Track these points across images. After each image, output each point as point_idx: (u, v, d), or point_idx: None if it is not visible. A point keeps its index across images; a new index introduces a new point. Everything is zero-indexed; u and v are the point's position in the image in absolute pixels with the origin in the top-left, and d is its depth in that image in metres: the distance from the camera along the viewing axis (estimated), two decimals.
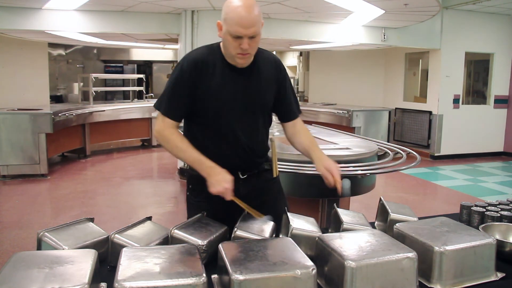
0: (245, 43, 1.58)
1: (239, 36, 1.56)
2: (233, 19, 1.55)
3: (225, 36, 1.61)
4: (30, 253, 1.23)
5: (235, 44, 1.59)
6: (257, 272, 1.14)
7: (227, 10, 1.58)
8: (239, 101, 1.72)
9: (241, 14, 1.54)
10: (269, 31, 6.65)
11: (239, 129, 1.75)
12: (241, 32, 1.56)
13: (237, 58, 1.64)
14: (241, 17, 1.54)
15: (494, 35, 8.38)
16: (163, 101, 1.73)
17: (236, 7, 1.56)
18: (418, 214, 1.81)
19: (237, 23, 1.55)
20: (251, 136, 1.79)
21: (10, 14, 5.78)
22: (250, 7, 1.56)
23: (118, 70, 11.21)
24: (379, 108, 8.61)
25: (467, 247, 1.38)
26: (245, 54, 1.62)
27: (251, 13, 1.55)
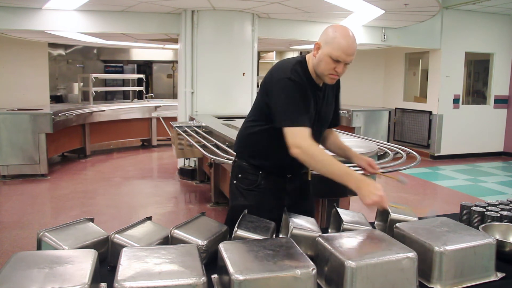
0: (341, 67, 1.74)
1: (339, 60, 1.71)
2: (340, 45, 1.70)
3: (324, 57, 1.74)
4: (30, 253, 1.23)
5: (332, 66, 1.73)
6: (257, 272, 1.14)
7: (334, 34, 1.71)
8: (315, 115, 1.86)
9: (349, 43, 1.71)
10: (269, 31, 6.65)
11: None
12: (343, 59, 1.71)
13: (327, 77, 1.78)
14: (349, 46, 1.70)
15: (494, 35, 8.38)
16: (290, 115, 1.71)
17: (345, 35, 1.71)
18: (418, 214, 1.81)
19: (343, 50, 1.70)
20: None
21: (10, 14, 5.78)
22: (355, 39, 1.74)
23: (118, 70, 11.22)
24: (379, 108, 8.60)
25: (467, 247, 1.38)
26: (335, 75, 1.77)
27: (355, 44, 1.74)
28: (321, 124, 1.93)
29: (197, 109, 6.14)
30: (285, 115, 1.72)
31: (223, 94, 6.09)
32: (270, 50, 12.38)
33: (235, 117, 5.43)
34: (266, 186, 1.93)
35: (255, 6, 5.68)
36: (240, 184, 1.98)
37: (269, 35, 6.71)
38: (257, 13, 6.18)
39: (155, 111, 8.74)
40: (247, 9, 5.89)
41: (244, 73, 6.15)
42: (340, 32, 1.71)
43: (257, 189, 1.94)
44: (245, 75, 6.16)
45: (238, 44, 6.08)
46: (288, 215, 1.66)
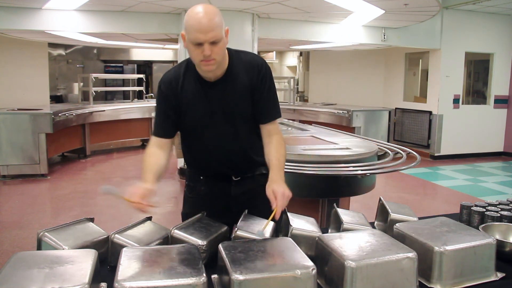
0: (206, 49, 1.55)
1: (200, 42, 1.55)
2: (192, 26, 1.55)
3: (188, 46, 1.61)
4: (30, 253, 1.24)
5: (197, 51, 1.58)
6: (257, 272, 1.15)
7: (186, 18, 1.58)
8: (215, 113, 1.73)
9: (199, 20, 1.54)
10: (269, 31, 6.65)
11: (221, 139, 1.78)
12: (201, 38, 1.54)
13: (201, 65, 1.62)
14: (199, 23, 1.53)
15: (494, 35, 8.38)
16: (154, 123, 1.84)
17: (194, 14, 1.56)
18: (418, 214, 1.81)
19: (196, 29, 1.54)
20: (236, 144, 1.79)
21: (10, 14, 5.78)
22: (208, 13, 1.55)
23: (118, 70, 11.21)
24: (379, 108, 8.60)
25: (467, 247, 1.38)
26: (209, 60, 1.59)
27: (209, 19, 1.54)
28: (228, 120, 1.74)
29: None
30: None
31: None
32: (270, 50, 12.39)
33: None
34: (207, 191, 1.87)
35: (255, 6, 5.68)
36: (186, 192, 1.97)
37: (269, 35, 6.71)
38: (257, 13, 6.18)
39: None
40: (247, 9, 5.89)
41: None
42: (189, 13, 1.57)
43: (197, 195, 1.90)
44: None
45: (238, 44, 6.02)
46: (289, 215, 1.66)
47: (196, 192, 1.90)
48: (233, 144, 1.78)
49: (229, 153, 1.80)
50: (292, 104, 8.94)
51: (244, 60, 1.78)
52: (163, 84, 1.76)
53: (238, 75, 1.73)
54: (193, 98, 1.73)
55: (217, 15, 1.59)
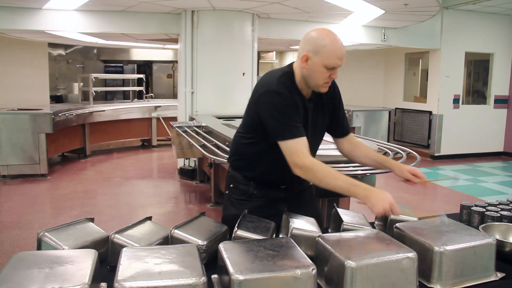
0: (336, 73, 1.69)
1: (334, 67, 1.66)
2: (333, 53, 1.64)
3: (317, 68, 1.67)
4: (30, 253, 1.23)
5: (326, 74, 1.68)
6: (257, 272, 1.15)
7: (322, 43, 1.64)
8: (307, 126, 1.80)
9: (340, 47, 1.66)
10: (269, 31, 6.65)
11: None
12: (338, 64, 1.66)
13: (323, 87, 1.73)
14: (340, 50, 1.65)
15: (494, 35, 8.38)
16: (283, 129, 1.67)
17: (333, 41, 1.65)
18: (418, 214, 1.81)
19: (336, 56, 1.65)
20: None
21: (10, 14, 5.78)
22: (341, 40, 1.68)
23: (118, 70, 11.21)
24: (379, 108, 8.60)
25: (467, 247, 1.38)
26: (330, 83, 1.73)
27: (343, 46, 1.68)
28: (314, 136, 1.86)
29: (197, 109, 6.14)
30: (278, 130, 1.68)
31: (223, 94, 6.09)
32: (270, 50, 12.38)
33: (235, 117, 5.43)
34: (258, 195, 1.90)
35: (255, 6, 5.68)
36: (232, 194, 1.96)
37: (269, 35, 6.71)
38: (257, 13, 6.18)
39: (155, 111, 8.74)
40: (247, 9, 5.89)
41: (244, 73, 6.15)
42: (329, 39, 1.65)
43: (249, 198, 1.91)
44: (245, 75, 6.16)
45: (238, 44, 6.08)
46: (288, 215, 1.66)
47: (248, 195, 1.91)
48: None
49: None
50: None
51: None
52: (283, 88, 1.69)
53: (321, 94, 1.83)
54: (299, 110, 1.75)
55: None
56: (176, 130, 4.89)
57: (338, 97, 1.93)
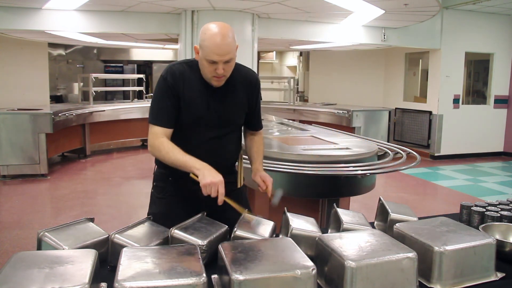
0: (220, 68, 1.69)
1: (215, 61, 1.67)
2: (209, 47, 1.66)
3: (201, 61, 1.73)
4: (30, 253, 1.23)
5: (210, 68, 1.70)
6: (257, 272, 1.15)
7: (203, 37, 1.68)
8: (212, 116, 1.82)
9: (216, 42, 1.65)
10: (269, 31, 6.65)
11: (211, 142, 1.85)
12: (216, 59, 1.66)
13: (212, 80, 1.75)
14: (217, 46, 1.65)
15: (494, 35, 8.39)
16: (151, 113, 1.80)
17: (212, 35, 1.66)
18: (418, 214, 1.81)
19: (212, 51, 1.65)
20: (222, 149, 1.90)
21: (10, 14, 5.78)
22: (225, 35, 1.66)
23: (118, 70, 11.21)
24: (379, 108, 8.60)
25: (467, 247, 1.38)
26: (220, 77, 1.73)
27: (226, 41, 1.66)
28: (221, 124, 1.85)
29: None
30: (150, 112, 1.80)
31: None
32: (270, 50, 12.39)
33: None
34: (175, 193, 1.89)
35: (255, 6, 5.68)
36: (154, 192, 1.97)
37: (269, 35, 6.71)
38: (257, 13, 6.18)
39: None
40: (247, 9, 5.89)
41: None
42: (208, 34, 1.67)
43: (166, 196, 1.91)
44: None
45: (238, 44, 6.07)
46: (289, 215, 1.66)
47: (164, 193, 1.92)
48: (220, 149, 1.88)
49: (213, 157, 1.81)
50: (292, 104, 8.94)
51: (242, 73, 1.91)
52: (170, 76, 1.78)
53: (237, 86, 1.87)
54: (195, 98, 1.80)
55: (232, 36, 1.70)
56: None
57: (256, 93, 1.95)
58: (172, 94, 1.77)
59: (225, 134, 1.89)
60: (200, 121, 1.81)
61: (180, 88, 1.77)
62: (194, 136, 1.83)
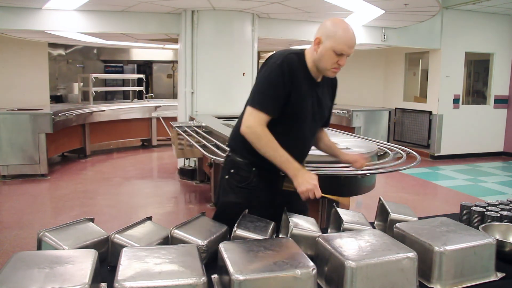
0: (343, 60, 1.77)
1: (342, 53, 1.75)
2: (343, 39, 1.73)
3: (326, 52, 1.76)
4: (30, 253, 1.24)
5: (334, 59, 1.76)
6: (257, 272, 1.15)
7: (335, 29, 1.75)
8: (313, 111, 1.89)
9: (351, 35, 1.75)
10: (269, 31, 6.65)
11: (307, 135, 1.95)
12: (346, 51, 1.75)
13: (330, 72, 1.81)
14: (351, 38, 1.75)
15: (494, 35, 8.38)
16: (258, 98, 1.79)
17: (346, 28, 1.75)
18: (418, 214, 1.81)
19: (345, 43, 1.74)
20: (310, 142, 2.02)
21: (10, 14, 5.78)
22: (354, 31, 1.78)
23: (118, 70, 11.21)
24: (379, 108, 8.60)
25: (467, 247, 1.38)
26: (338, 68, 1.81)
27: (355, 37, 1.79)
28: (315, 120, 1.93)
29: (197, 109, 6.14)
30: (255, 95, 1.79)
31: (223, 94, 6.09)
32: (270, 50, 12.37)
33: (235, 117, 5.39)
34: (258, 183, 1.90)
35: (255, 6, 5.68)
36: (232, 180, 1.93)
37: (269, 35, 6.71)
38: (257, 13, 6.18)
39: (155, 111, 8.74)
40: (247, 9, 5.89)
41: (244, 73, 6.15)
42: (341, 27, 1.75)
43: (248, 186, 1.90)
44: (245, 75, 6.16)
45: (238, 44, 6.08)
46: (288, 215, 1.66)
47: (248, 182, 1.91)
48: (311, 141, 2.02)
49: (304, 149, 1.98)
50: None
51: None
52: (287, 65, 1.76)
53: (328, 81, 1.97)
54: (305, 92, 1.82)
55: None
56: (176, 130, 4.89)
57: (335, 92, 2.06)
58: (284, 83, 1.75)
59: (316, 128, 2.00)
60: (306, 114, 1.86)
61: (294, 79, 1.78)
62: (295, 129, 1.86)
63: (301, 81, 1.80)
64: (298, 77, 1.78)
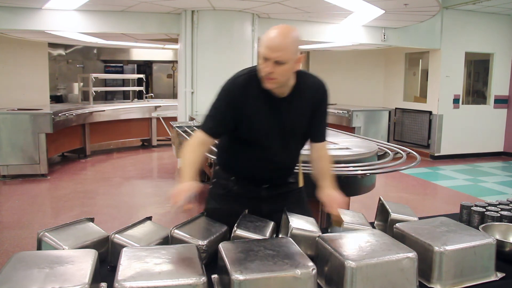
0: (269, 66, 1.60)
1: (266, 58, 1.60)
2: (263, 40, 1.61)
3: (259, 59, 1.67)
4: (30, 253, 1.24)
5: (262, 66, 1.63)
6: (257, 272, 1.15)
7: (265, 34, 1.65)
8: (275, 128, 1.78)
9: (271, 37, 1.60)
10: None
11: (273, 152, 1.82)
12: (267, 54, 1.59)
13: (265, 82, 1.66)
14: (270, 40, 1.59)
15: (494, 35, 8.38)
16: (203, 120, 1.80)
17: (270, 31, 1.62)
18: (418, 214, 1.81)
19: (266, 44, 1.60)
20: (284, 158, 1.87)
21: (10, 14, 5.78)
22: (283, 34, 1.60)
23: (118, 70, 11.21)
24: (379, 108, 8.60)
25: (467, 247, 1.38)
26: (270, 78, 1.63)
27: (280, 38, 1.59)
28: (285, 136, 1.80)
29: (197, 109, 6.14)
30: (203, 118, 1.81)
31: None
32: None
33: None
34: (238, 192, 1.89)
35: (255, 6, 5.68)
36: (214, 189, 1.99)
37: None
38: (257, 13, 6.18)
39: (155, 111, 8.74)
40: (247, 9, 5.89)
41: None
42: (269, 29, 1.64)
43: (229, 194, 1.91)
44: None
45: (238, 44, 6.08)
46: (288, 215, 1.66)
47: (228, 190, 1.92)
48: (282, 158, 1.86)
49: (275, 166, 1.86)
50: None
51: (309, 81, 1.83)
52: (236, 89, 1.73)
53: (303, 95, 1.78)
54: (259, 110, 1.74)
55: (293, 39, 1.62)
56: (176, 130, 4.89)
57: (323, 102, 1.87)
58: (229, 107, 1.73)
59: (288, 144, 1.84)
60: (264, 132, 1.78)
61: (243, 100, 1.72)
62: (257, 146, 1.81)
63: (252, 101, 1.72)
64: (248, 97, 1.71)
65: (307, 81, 1.82)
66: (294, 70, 1.69)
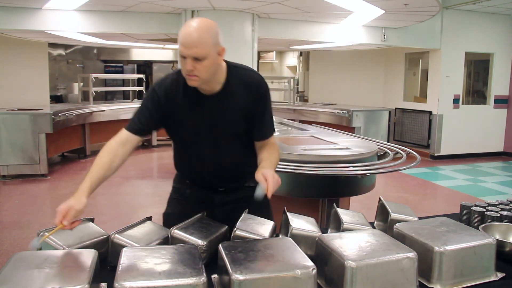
0: (188, 64, 1.51)
1: (183, 55, 1.51)
2: (179, 38, 1.52)
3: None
4: (30, 253, 1.24)
5: (183, 63, 1.54)
6: (257, 272, 1.15)
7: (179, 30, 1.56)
8: (206, 127, 1.69)
9: (186, 33, 1.50)
10: (269, 31, 6.65)
11: (210, 153, 1.74)
12: (183, 52, 1.50)
13: (186, 78, 1.58)
14: (184, 36, 1.50)
15: (494, 35, 8.39)
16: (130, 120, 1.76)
17: (186, 27, 1.51)
18: (418, 214, 1.81)
19: (181, 42, 1.51)
20: (226, 158, 1.76)
21: (10, 14, 5.78)
22: (199, 29, 1.50)
23: (118, 70, 11.20)
24: (379, 108, 8.60)
25: (467, 247, 1.38)
26: (191, 76, 1.54)
27: (196, 33, 1.49)
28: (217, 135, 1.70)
29: None
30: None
31: None
32: (270, 50, 12.38)
33: None
34: (190, 195, 1.87)
35: (255, 6, 5.68)
36: (172, 193, 1.97)
37: (269, 35, 6.71)
38: (257, 13, 6.18)
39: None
40: (247, 9, 5.89)
41: None
42: (185, 24, 1.53)
43: (181, 197, 1.90)
44: None
45: (238, 44, 6.08)
46: (288, 215, 1.66)
47: (181, 194, 1.90)
48: (223, 159, 1.75)
49: (218, 167, 1.76)
50: (292, 104, 8.94)
51: (243, 77, 1.73)
52: (160, 89, 1.69)
53: (236, 92, 1.68)
54: (186, 108, 1.68)
55: (209, 32, 1.52)
56: None
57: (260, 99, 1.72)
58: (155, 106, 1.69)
59: (226, 144, 1.74)
60: (195, 132, 1.70)
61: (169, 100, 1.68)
62: (193, 147, 1.76)
63: (178, 101, 1.67)
64: (174, 97, 1.66)
65: (242, 76, 1.72)
66: (218, 64, 1.61)
